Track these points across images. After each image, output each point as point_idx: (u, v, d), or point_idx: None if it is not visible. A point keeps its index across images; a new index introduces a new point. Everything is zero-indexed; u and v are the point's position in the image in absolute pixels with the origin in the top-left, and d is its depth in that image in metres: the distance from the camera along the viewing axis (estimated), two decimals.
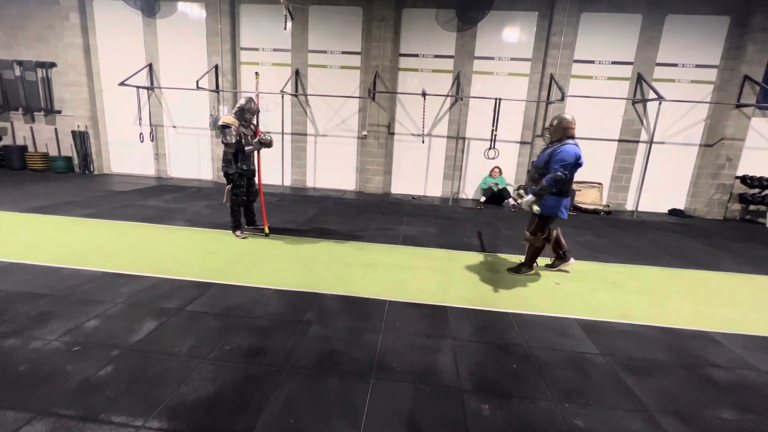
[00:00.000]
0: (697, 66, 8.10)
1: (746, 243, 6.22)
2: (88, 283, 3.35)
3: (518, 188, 4.31)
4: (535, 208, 3.76)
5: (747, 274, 4.64)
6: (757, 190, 8.09)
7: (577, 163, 3.65)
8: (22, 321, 2.68)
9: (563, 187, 3.72)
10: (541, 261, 4.40)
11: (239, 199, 4.88)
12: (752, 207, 8.30)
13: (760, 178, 7.97)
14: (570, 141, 3.71)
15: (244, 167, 4.80)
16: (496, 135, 8.06)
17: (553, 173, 3.60)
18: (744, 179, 8.12)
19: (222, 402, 2.00)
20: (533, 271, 4.19)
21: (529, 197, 3.79)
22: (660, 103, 7.56)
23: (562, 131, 3.78)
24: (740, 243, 6.20)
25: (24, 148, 9.82)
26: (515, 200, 4.40)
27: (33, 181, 8.25)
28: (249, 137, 4.81)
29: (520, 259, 4.44)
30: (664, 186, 8.58)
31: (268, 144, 4.83)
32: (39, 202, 6.28)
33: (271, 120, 9.00)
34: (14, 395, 1.98)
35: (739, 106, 7.86)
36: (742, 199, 8.22)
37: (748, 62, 7.70)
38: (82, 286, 3.27)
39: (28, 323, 2.66)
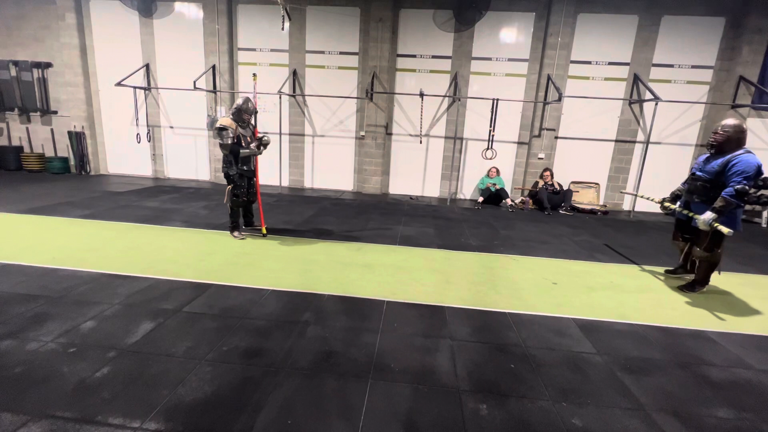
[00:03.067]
0: (693, 67, 8.15)
1: (742, 242, 6.26)
2: (84, 284, 3.34)
3: (663, 200, 4.10)
4: (725, 229, 3.29)
5: (743, 273, 4.66)
6: (753, 190, 8.15)
7: (759, 173, 3.27)
8: (18, 322, 2.67)
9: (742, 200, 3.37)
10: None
11: (239, 200, 4.87)
12: (747, 207, 8.35)
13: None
14: (744, 150, 3.39)
15: (245, 168, 4.80)
16: (493, 135, 8.07)
17: (736, 186, 3.25)
18: None
19: (220, 403, 2.00)
20: (705, 289, 3.88)
21: (709, 215, 3.38)
22: (656, 104, 7.60)
23: (736, 142, 3.40)
24: (736, 242, 6.23)
25: (20, 148, 9.76)
26: (667, 209, 4.09)
27: (29, 182, 8.21)
28: (248, 138, 4.81)
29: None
30: (661, 186, 8.59)
31: (267, 144, 4.89)
32: (35, 203, 6.25)
33: (268, 120, 8.99)
34: (10, 397, 1.96)
35: (734, 106, 7.91)
36: None
37: (744, 63, 7.76)
38: (78, 288, 3.26)
39: (24, 325, 2.64)
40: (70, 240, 4.52)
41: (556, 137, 8.71)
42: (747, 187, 3.27)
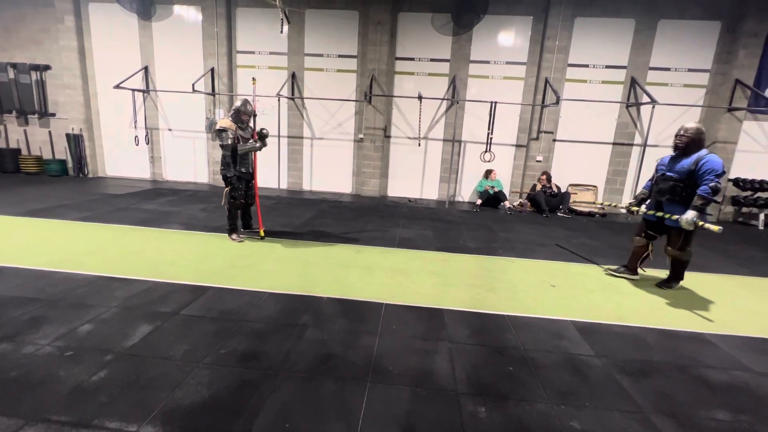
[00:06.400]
0: (690, 70, 8.20)
1: (739, 245, 6.28)
2: (81, 287, 3.32)
3: (630, 204, 4.28)
4: (715, 227, 3.42)
5: (740, 275, 4.68)
6: (749, 193, 8.19)
7: (723, 173, 3.58)
8: (14, 326, 2.65)
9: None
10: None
11: (237, 202, 4.86)
12: (745, 209, 8.39)
13: (752, 181, 8.07)
14: (706, 151, 3.67)
15: (243, 170, 4.80)
16: (491, 138, 8.10)
17: (710, 184, 3.50)
18: (736, 182, 8.22)
19: (217, 406, 1.99)
20: (678, 285, 4.05)
21: (692, 214, 3.53)
22: (653, 107, 7.65)
23: (699, 142, 3.69)
24: (733, 245, 6.26)
25: (17, 151, 9.74)
26: (635, 213, 4.29)
27: (26, 185, 8.18)
28: (247, 140, 4.81)
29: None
30: None
31: (265, 136, 4.95)
32: (32, 205, 6.22)
33: (267, 123, 8.94)
34: (6, 401, 1.95)
35: (730, 109, 7.97)
36: (735, 201, 8.31)
37: (740, 66, 7.81)
38: (75, 290, 3.24)
39: (21, 328, 2.63)
40: (68, 243, 4.50)
41: (554, 140, 8.74)
42: (719, 185, 3.52)
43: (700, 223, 3.51)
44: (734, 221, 8.53)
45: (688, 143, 3.70)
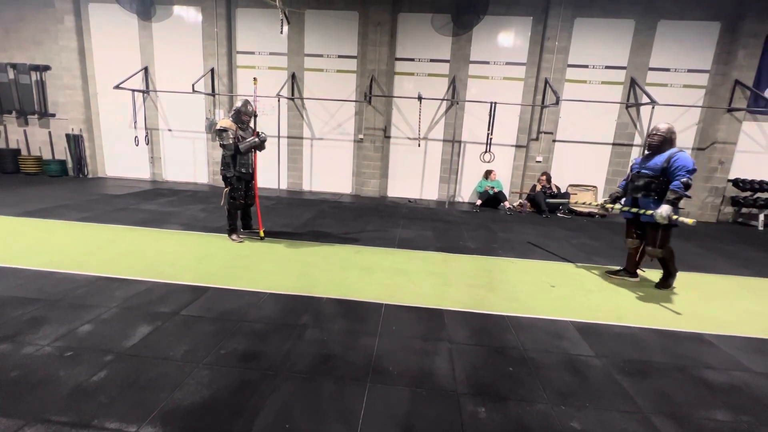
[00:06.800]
0: (689, 71, 8.21)
1: (739, 245, 6.29)
2: (81, 287, 3.32)
3: (604, 202, 4.35)
4: (690, 221, 3.54)
5: (740, 276, 4.68)
6: (749, 193, 8.19)
7: (694, 170, 3.70)
8: (14, 326, 2.65)
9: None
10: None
11: (237, 203, 4.86)
12: (744, 210, 8.39)
13: (752, 181, 8.08)
14: (677, 149, 3.78)
15: (243, 170, 4.80)
16: (491, 138, 8.10)
17: (682, 179, 3.61)
18: (736, 182, 8.22)
19: (217, 407, 1.99)
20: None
21: (666, 208, 3.62)
22: (653, 107, 7.65)
23: (670, 141, 3.82)
24: (733, 245, 6.26)
25: (17, 151, 9.74)
26: (608, 210, 4.42)
27: (26, 185, 8.18)
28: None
29: (521, 262, 4.43)
30: None
31: (264, 140, 4.84)
32: (32, 205, 6.22)
33: (267, 123, 8.97)
34: (6, 402, 1.95)
35: (730, 110, 7.97)
36: (735, 202, 8.32)
37: (739, 67, 7.82)
38: (75, 291, 3.24)
39: (20, 328, 2.63)
40: (68, 243, 4.50)
41: (554, 140, 8.75)
42: (690, 180, 3.65)
43: (674, 216, 3.62)
44: (734, 222, 8.54)
45: (660, 142, 3.82)
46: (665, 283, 4.06)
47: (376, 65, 8.60)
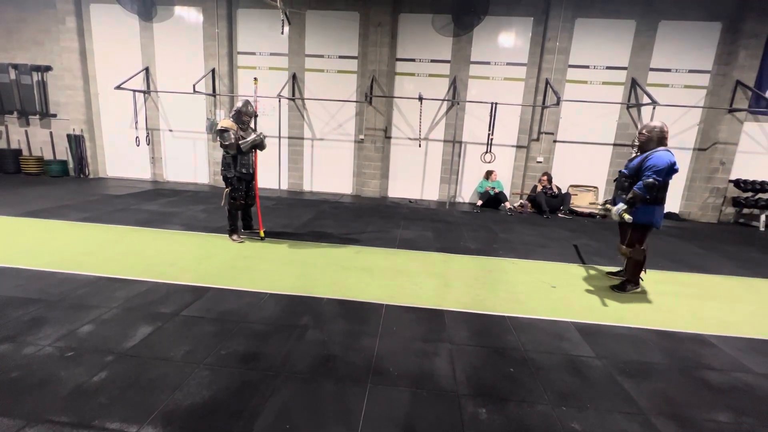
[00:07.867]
0: (690, 71, 8.20)
1: (740, 246, 6.28)
2: (82, 287, 3.32)
3: (605, 202, 4.28)
4: (627, 216, 3.60)
5: (741, 276, 4.67)
6: (750, 194, 8.17)
7: (672, 170, 3.52)
8: (15, 326, 2.65)
9: (657, 195, 3.59)
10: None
11: (237, 203, 4.87)
12: (746, 210, 8.37)
13: (753, 182, 8.06)
14: (662, 148, 3.60)
15: (243, 171, 4.80)
16: (492, 139, 8.09)
17: (645, 180, 3.50)
18: (737, 183, 8.21)
19: (217, 408, 1.99)
20: (639, 289, 3.94)
21: (620, 206, 3.66)
22: (654, 108, 7.64)
23: (657, 141, 3.65)
24: (734, 246, 6.25)
25: (18, 151, 9.75)
26: (609, 213, 4.24)
27: (27, 185, 8.19)
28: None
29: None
30: None
31: (263, 140, 4.81)
32: (33, 206, 6.23)
33: (268, 124, 8.99)
34: (6, 402, 1.95)
35: (731, 110, 7.95)
36: (736, 202, 8.30)
37: (740, 68, 7.81)
38: (76, 291, 3.24)
39: (21, 328, 2.63)
40: (68, 243, 4.50)
41: (555, 141, 8.74)
42: (657, 181, 3.50)
43: (626, 216, 3.62)
44: (735, 222, 8.52)
45: (645, 141, 3.73)
46: (623, 286, 3.93)
47: (376, 66, 8.60)
